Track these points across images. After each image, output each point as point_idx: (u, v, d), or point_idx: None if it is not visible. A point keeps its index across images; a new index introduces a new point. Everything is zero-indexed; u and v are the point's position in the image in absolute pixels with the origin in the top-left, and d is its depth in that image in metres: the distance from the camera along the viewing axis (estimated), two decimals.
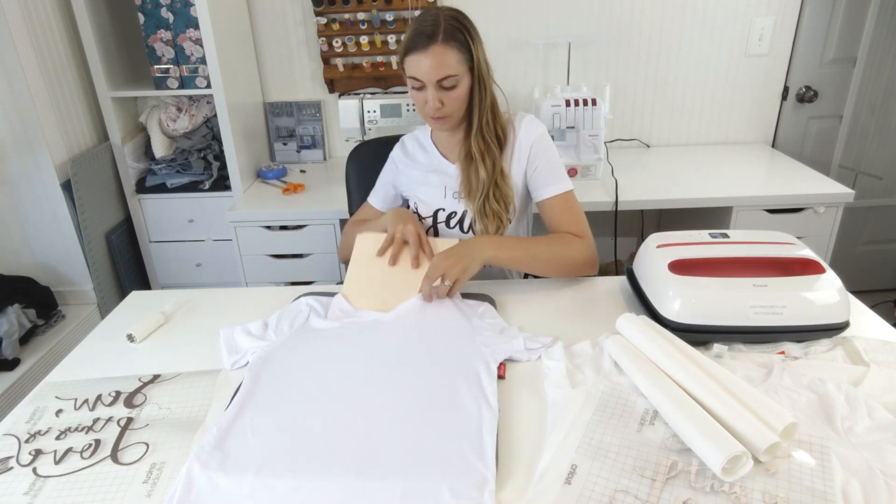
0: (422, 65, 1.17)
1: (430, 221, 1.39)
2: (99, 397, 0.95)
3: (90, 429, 0.88)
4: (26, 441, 0.86)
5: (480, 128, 1.27)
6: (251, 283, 2.08)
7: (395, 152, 1.46)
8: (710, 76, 2.32)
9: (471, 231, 1.35)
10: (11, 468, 0.81)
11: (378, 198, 1.47)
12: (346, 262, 1.33)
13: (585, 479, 0.73)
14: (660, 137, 2.43)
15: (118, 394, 0.95)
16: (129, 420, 0.89)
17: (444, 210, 1.37)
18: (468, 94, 1.23)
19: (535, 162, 1.31)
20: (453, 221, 1.37)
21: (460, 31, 1.18)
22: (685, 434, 0.76)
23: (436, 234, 1.40)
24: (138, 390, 0.96)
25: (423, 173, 1.39)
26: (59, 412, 0.92)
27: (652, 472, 0.73)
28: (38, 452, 0.84)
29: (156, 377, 0.99)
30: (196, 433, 0.86)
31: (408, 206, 1.45)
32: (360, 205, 1.52)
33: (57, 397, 0.96)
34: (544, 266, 1.25)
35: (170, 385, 0.97)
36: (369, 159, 1.58)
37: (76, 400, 0.94)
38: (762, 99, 2.35)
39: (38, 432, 0.88)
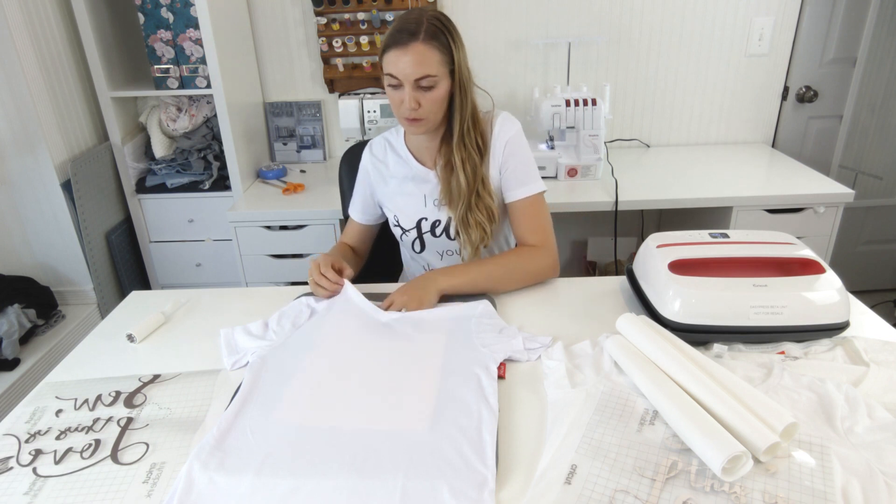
0: (400, 62, 1.13)
1: (414, 233, 1.35)
2: (99, 397, 0.95)
3: (90, 429, 0.88)
4: (26, 441, 0.86)
5: (462, 136, 1.23)
6: (251, 283, 2.08)
7: (365, 159, 1.39)
8: (710, 76, 2.32)
9: (458, 238, 1.32)
10: (11, 468, 0.81)
11: (357, 210, 1.42)
12: None
13: (585, 479, 0.73)
14: (660, 137, 2.43)
15: (118, 394, 0.95)
16: (129, 420, 0.89)
17: (426, 219, 1.33)
18: (446, 97, 1.19)
19: (508, 162, 1.28)
20: (439, 230, 1.34)
21: (443, 33, 1.15)
22: (685, 434, 0.76)
23: (422, 244, 1.37)
24: (138, 390, 0.96)
25: (399, 181, 1.34)
26: (59, 412, 0.92)
27: (652, 472, 0.73)
28: (38, 452, 0.84)
29: (156, 377, 0.99)
30: (196, 433, 0.86)
31: (384, 217, 1.42)
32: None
33: (57, 397, 0.96)
34: (504, 282, 1.23)
35: (170, 385, 0.97)
36: None
37: (76, 400, 0.94)
38: (762, 99, 2.35)
39: (38, 432, 0.88)
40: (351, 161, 1.58)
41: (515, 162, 1.28)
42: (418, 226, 1.35)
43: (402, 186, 1.34)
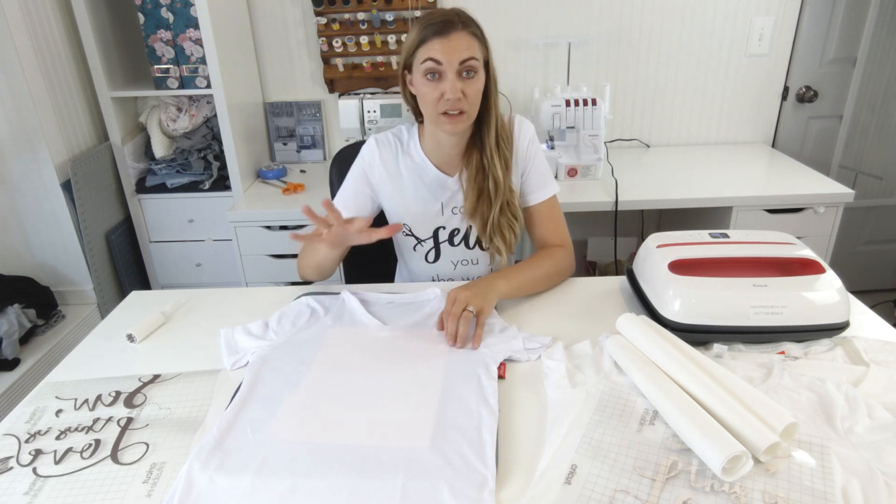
0: (442, 47, 1.07)
1: (430, 242, 1.31)
2: (99, 397, 0.95)
3: (90, 429, 0.88)
4: (26, 441, 0.86)
5: (496, 139, 1.20)
6: (251, 283, 2.08)
7: (370, 155, 1.27)
8: (710, 76, 2.32)
9: (477, 247, 1.30)
10: (11, 468, 0.81)
11: (350, 209, 1.27)
12: (307, 279, 1.27)
13: (585, 479, 0.73)
14: (660, 137, 2.43)
15: (118, 394, 0.95)
16: (129, 420, 0.89)
17: (444, 228, 1.29)
18: (482, 91, 1.15)
19: (529, 165, 1.28)
20: (457, 238, 1.30)
21: (477, 26, 1.13)
22: (685, 434, 0.76)
23: (438, 253, 1.33)
24: (138, 390, 0.96)
25: (413, 187, 1.27)
26: (59, 412, 0.92)
27: (652, 472, 0.73)
28: (38, 452, 0.84)
29: (156, 377, 0.99)
30: (196, 433, 0.86)
31: (379, 218, 1.33)
32: None
33: (57, 397, 0.96)
34: (542, 285, 1.22)
35: (170, 385, 0.97)
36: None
37: (76, 400, 0.94)
38: (762, 99, 2.35)
39: (38, 432, 0.88)
40: (343, 164, 1.50)
41: (535, 164, 1.28)
42: (435, 235, 1.30)
43: (416, 193, 1.27)
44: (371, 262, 1.54)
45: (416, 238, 1.31)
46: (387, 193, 1.29)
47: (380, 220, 1.37)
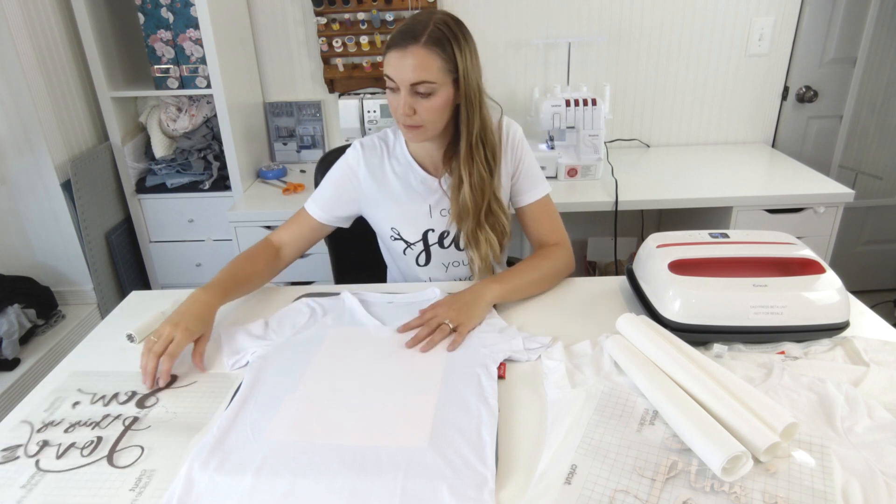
0: (396, 64, 1.08)
1: (420, 246, 1.29)
2: (115, 395, 0.95)
3: (97, 424, 0.88)
4: (38, 430, 0.87)
5: (470, 151, 1.17)
6: None
7: (355, 159, 1.26)
8: (710, 76, 2.32)
9: (467, 249, 1.28)
10: (17, 458, 0.82)
11: (324, 209, 1.26)
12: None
13: (585, 479, 0.73)
14: (660, 137, 2.43)
15: (133, 394, 0.96)
16: (135, 420, 0.89)
17: (433, 231, 1.27)
18: (447, 106, 1.13)
19: (519, 166, 1.27)
20: (447, 241, 1.28)
21: (448, 40, 1.08)
22: (685, 434, 0.76)
23: (428, 257, 1.31)
24: (153, 393, 0.96)
25: (400, 190, 1.26)
26: (75, 404, 0.93)
27: (652, 472, 0.73)
28: (44, 444, 0.85)
29: (174, 378, 0.99)
30: (191, 441, 0.85)
31: (347, 223, 1.32)
32: None
33: (79, 390, 0.96)
34: (541, 286, 1.21)
35: (184, 391, 0.96)
36: None
37: (94, 394, 0.95)
38: (762, 99, 2.35)
39: (52, 423, 0.89)
40: (327, 170, 1.42)
41: (525, 165, 1.27)
42: (424, 238, 1.29)
43: (404, 195, 1.26)
44: (362, 268, 1.54)
45: (406, 242, 1.29)
46: (372, 198, 1.27)
47: (362, 225, 1.35)
